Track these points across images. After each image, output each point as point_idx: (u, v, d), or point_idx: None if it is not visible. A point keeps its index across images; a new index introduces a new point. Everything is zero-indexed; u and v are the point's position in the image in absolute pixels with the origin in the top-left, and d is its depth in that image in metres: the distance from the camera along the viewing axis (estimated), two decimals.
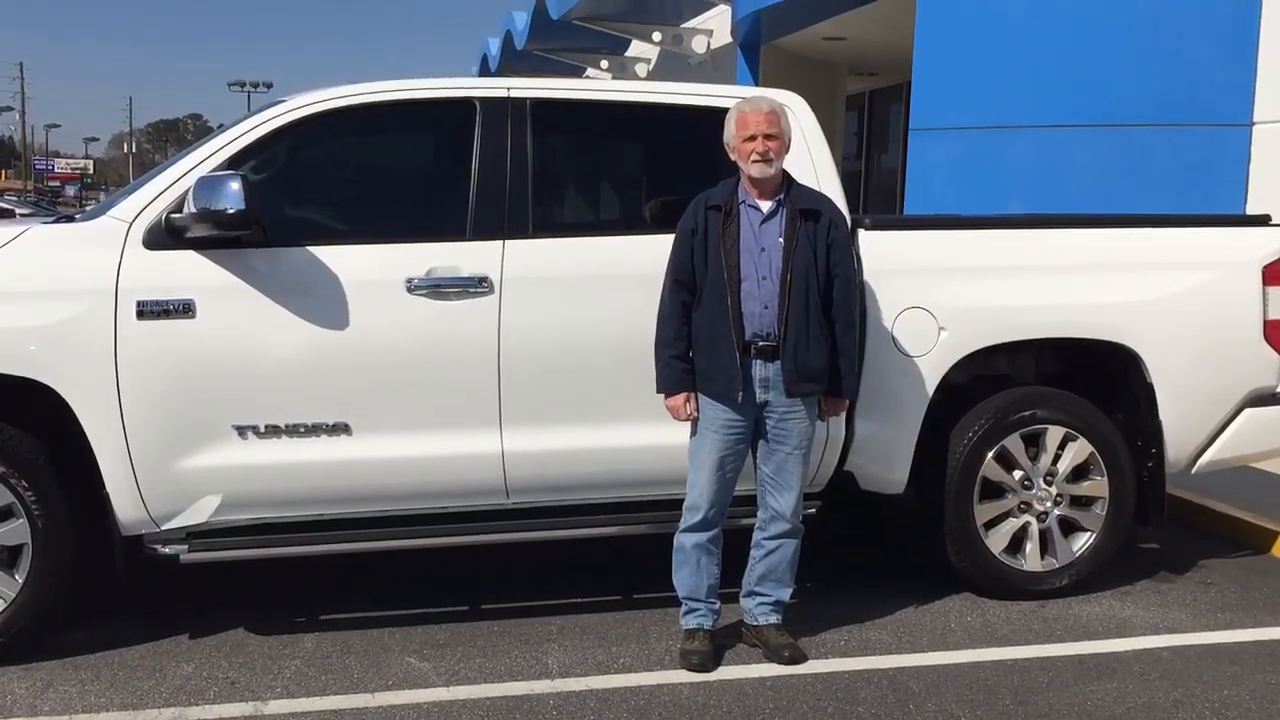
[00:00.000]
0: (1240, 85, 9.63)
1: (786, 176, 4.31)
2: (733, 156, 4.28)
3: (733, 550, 4.49)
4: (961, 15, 10.50)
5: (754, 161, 4.19)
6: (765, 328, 4.19)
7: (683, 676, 4.22)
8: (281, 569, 4.92)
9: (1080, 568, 5.04)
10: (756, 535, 4.44)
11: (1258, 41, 9.54)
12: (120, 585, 4.42)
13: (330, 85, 4.61)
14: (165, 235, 4.22)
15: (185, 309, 4.20)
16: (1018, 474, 4.96)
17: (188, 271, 4.22)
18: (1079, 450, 4.98)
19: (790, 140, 4.30)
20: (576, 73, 23.20)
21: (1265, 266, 5.12)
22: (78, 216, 4.78)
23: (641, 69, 21.57)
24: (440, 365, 4.40)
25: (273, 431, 4.31)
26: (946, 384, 4.87)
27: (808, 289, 4.19)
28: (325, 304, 4.31)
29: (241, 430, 4.28)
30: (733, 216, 4.21)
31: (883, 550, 5.80)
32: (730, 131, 4.28)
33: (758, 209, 4.24)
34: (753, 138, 4.19)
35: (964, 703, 4.04)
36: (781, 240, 4.20)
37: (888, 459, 4.88)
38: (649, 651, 4.44)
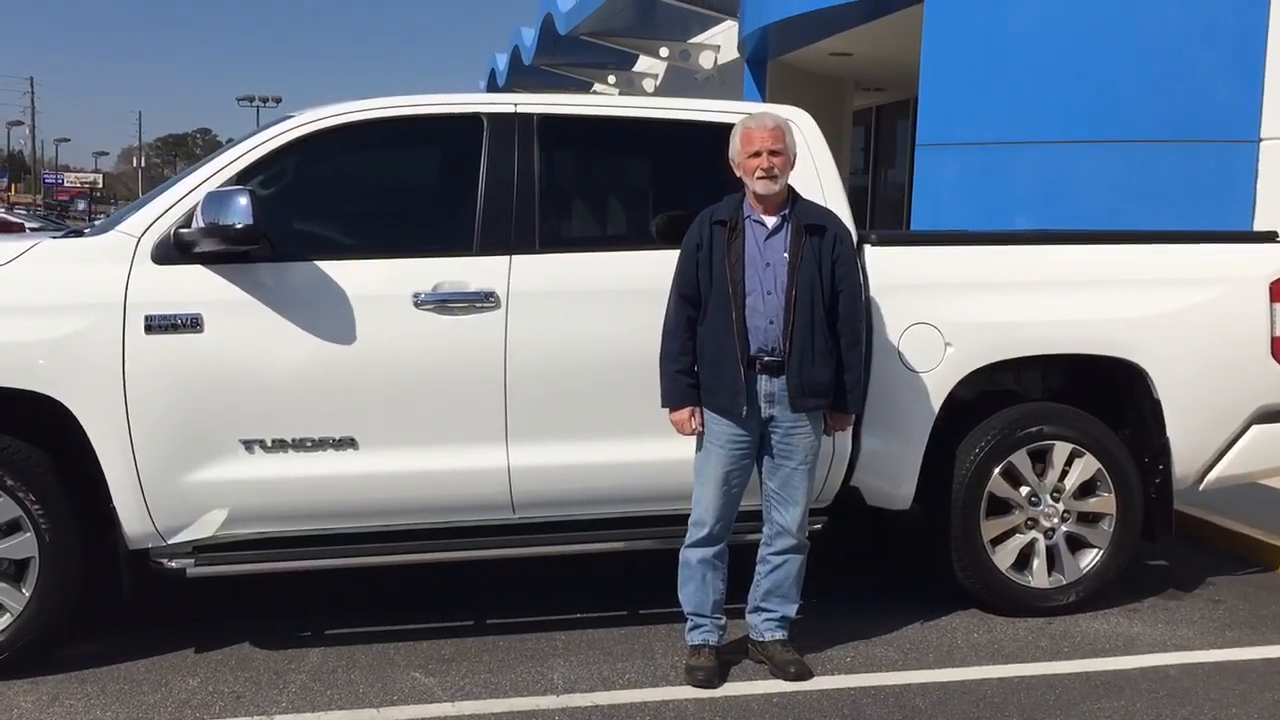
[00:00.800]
0: (1247, 101, 9.63)
1: (791, 192, 4.31)
2: (738, 172, 4.29)
3: (739, 566, 4.48)
4: (968, 31, 10.51)
5: (759, 177, 4.20)
6: (770, 343, 4.19)
7: (688, 693, 4.20)
8: (287, 583, 4.93)
9: (1087, 584, 5.02)
10: (762, 551, 4.44)
11: (1265, 58, 9.55)
12: (126, 599, 4.43)
13: (339, 101, 4.63)
14: (173, 250, 4.24)
15: (193, 323, 4.21)
16: (1024, 490, 4.95)
17: (195, 286, 4.24)
18: (1086, 466, 4.97)
19: (795, 156, 4.31)
20: (584, 88, 23.30)
21: (1272, 283, 5.11)
22: (86, 231, 4.80)
23: (648, 84, 21.65)
24: (446, 380, 4.41)
25: (279, 446, 4.31)
26: (953, 400, 4.86)
27: (812, 304, 4.19)
28: (332, 319, 4.32)
29: (248, 444, 4.29)
30: (737, 232, 4.22)
31: (889, 566, 5.78)
32: (735, 147, 4.29)
33: (762, 224, 4.25)
34: (757, 154, 4.20)
35: None
36: (786, 255, 4.21)
37: (894, 474, 4.87)
38: (654, 667, 4.43)
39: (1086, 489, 5.01)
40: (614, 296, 4.56)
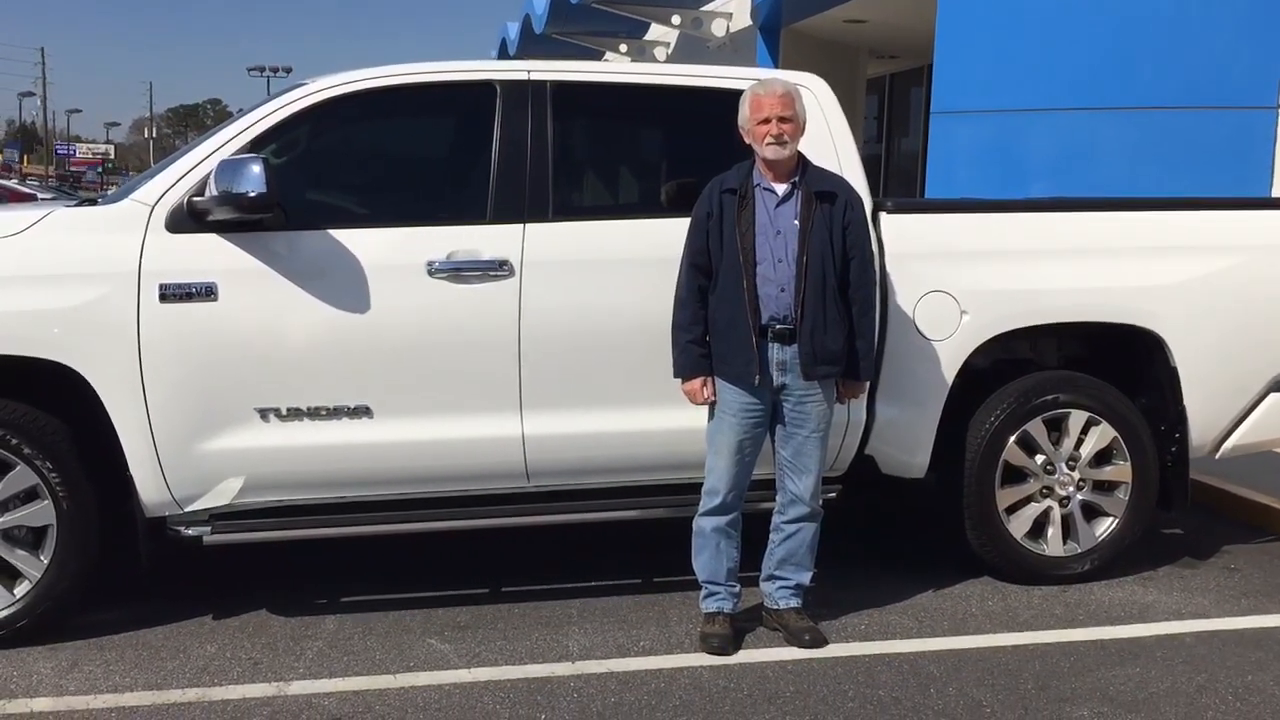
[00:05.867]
0: (1266, 68, 9.55)
1: (802, 159, 4.28)
2: (747, 139, 4.26)
3: (753, 533, 4.48)
4: None
5: (768, 144, 4.17)
6: (782, 311, 4.18)
7: (703, 659, 4.22)
8: (303, 551, 4.95)
9: (1102, 553, 5.01)
10: (775, 519, 4.44)
11: None
12: (144, 567, 4.45)
13: (349, 69, 4.61)
14: (187, 218, 4.24)
15: (207, 292, 4.21)
16: (1040, 458, 4.94)
17: (210, 255, 4.24)
18: (1102, 435, 4.95)
19: (805, 122, 4.27)
20: (595, 57, 23.12)
21: None
22: (100, 200, 4.80)
23: (660, 53, 21.49)
24: (461, 348, 4.40)
25: (294, 414, 4.32)
26: (968, 368, 4.84)
27: (824, 271, 4.17)
28: (346, 287, 4.31)
29: (263, 413, 4.30)
30: (748, 200, 4.20)
31: (904, 535, 5.78)
32: (744, 114, 4.25)
33: (773, 192, 4.22)
34: (767, 120, 4.16)
35: (984, 687, 4.03)
36: (797, 223, 4.18)
37: (909, 443, 4.86)
38: (669, 634, 4.44)
39: (1102, 457, 5.00)
40: (627, 265, 4.54)
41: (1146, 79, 9.80)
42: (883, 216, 4.79)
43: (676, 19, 18.51)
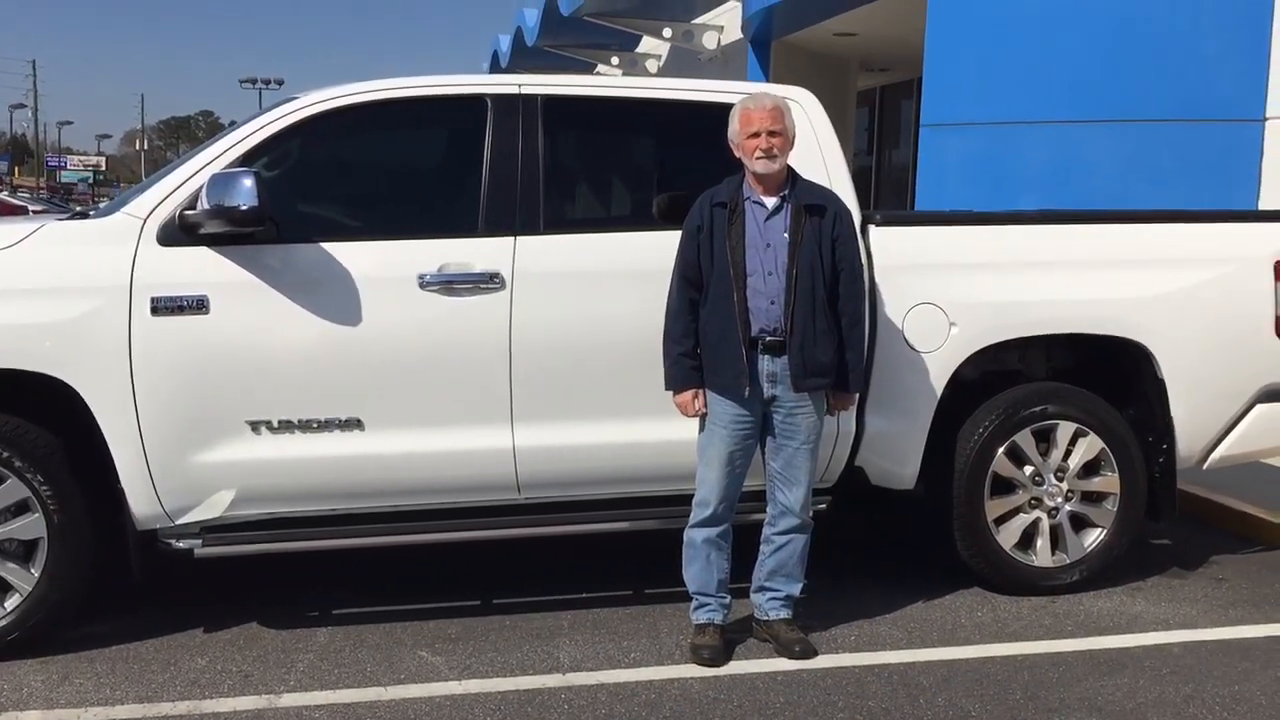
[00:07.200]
0: (1253, 80, 9.60)
1: (791, 172, 4.31)
2: (737, 153, 4.28)
3: (743, 544, 4.50)
4: (973, 10, 10.48)
5: (757, 158, 4.20)
6: (772, 323, 4.20)
7: (693, 671, 4.23)
8: (294, 563, 4.95)
9: (1091, 563, 5.04)
10: (766, 530, 4.46)
11: (1270, 37, 9.51)
12: (135, 580, 4.45)
13: (342, 82, 4.63)
14: (179, 232, 4.25)
15: (199, 305, 4.22)
16: (1029, 470, 4.96)
17: (201, 268, 4.25)
18: (1090, 446, 4.98)
19: (794, 136, 4.30)
20: (587, 69, 23.21)
21: (1277, 261, 5.11)
22: (92, 213, 4.81)
23: (652, 65, 21.58)
24: (452, 361, 4.42)
25: (286, 427, 4.33)
26: (957, 379, 4.87)
27: (813, 284, 4.20)
28: (338, 300, 4.33)
29: (255, 425, 4.30)
30: (738, 213, 4.22)
31: (893, 546, 5.80)
32: (734, 128, 4.29)
33: (762, 205, 4.25)
34: (756, 134, 4.19)
35: (974, 697, 4.05)
36: (787, 236, 4.21)
37: (898, 454, 4.88)
38: (660, 646, 4.45)
39: (1090, 468, 5.02)
40: (618, 277, 4.56)
41: (1136, 92, 9.86)
42: (871, 229, 4.82)
43: (668, 32, 18.61)
